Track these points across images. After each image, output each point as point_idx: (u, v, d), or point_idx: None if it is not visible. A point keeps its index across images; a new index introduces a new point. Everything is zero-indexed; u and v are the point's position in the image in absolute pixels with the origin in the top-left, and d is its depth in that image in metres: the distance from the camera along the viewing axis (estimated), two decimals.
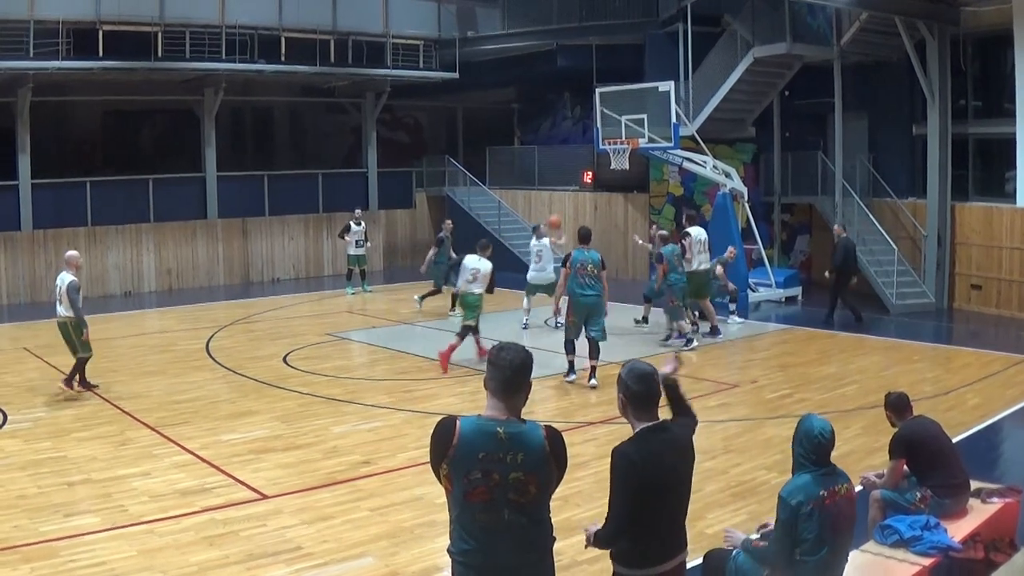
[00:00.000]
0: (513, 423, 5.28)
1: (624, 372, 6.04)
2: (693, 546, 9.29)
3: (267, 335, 22.27)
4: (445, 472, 5.22)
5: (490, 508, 5.21)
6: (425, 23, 35.11)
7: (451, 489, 5.25)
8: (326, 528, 10.04)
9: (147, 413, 14.83)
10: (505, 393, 5.32)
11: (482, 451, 5.16)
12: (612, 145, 26.51)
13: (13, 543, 9.55)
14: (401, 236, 36.65)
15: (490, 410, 5.32)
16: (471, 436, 5.18)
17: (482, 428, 5.22)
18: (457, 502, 5.26)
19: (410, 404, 15.50)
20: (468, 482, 5.17)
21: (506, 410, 5.30)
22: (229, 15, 29.97)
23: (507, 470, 5.19)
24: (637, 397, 5.95)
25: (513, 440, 5.21)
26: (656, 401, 6.01)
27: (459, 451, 5.16)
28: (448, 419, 5.31)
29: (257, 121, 39.00)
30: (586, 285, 16.98)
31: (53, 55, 26.76)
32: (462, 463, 5.17)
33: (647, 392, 5.96)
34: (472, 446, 5.17)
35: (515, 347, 5.41)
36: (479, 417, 5.29)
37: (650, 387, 5.98)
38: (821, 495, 6.51)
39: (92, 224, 29.45)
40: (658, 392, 6.04)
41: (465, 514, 5.25)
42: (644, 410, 5.96)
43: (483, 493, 5.18)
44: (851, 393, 15.92)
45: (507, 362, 5.32)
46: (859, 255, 25.52)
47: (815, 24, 26.73)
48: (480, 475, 5.17)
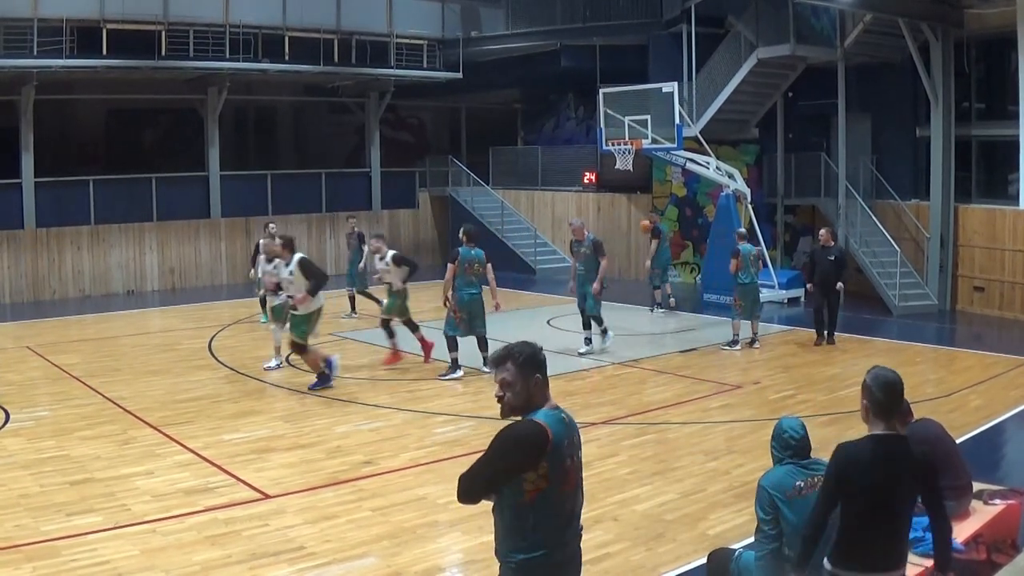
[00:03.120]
0: (563, 408, 5.50)
1: (870, 378, 6.22)
2: (696, 547, 9.40)
3: (270, 335, 22.24)
4: (543, 471, 5.21)
5: (575, 493, 5.45)
6: (429, 23, 35.11)
7: (544, 488, 5.23)
8: (329, 528, 10.04)
9: (150, 412, 14.83)
10: (547, 385, 5.48)
11: (566, 438, 5.33)
12: (615, 146, 26.50)
13: (15, 542, 9.55)
14: (404, 236, 36.61)
15: (547, 403, 5.44)
16: (558, 428, 5.29)
17: (559, 418, 5.36)
18: (548, 499, 5.26)
19: (412, 404, 15.51)
20: (563, 472, 5.28)
21: (550, 397, 5.47)
22: (233, 14, 29.98)
23: (577, 451, 5.46)
24: (879, 404, 6.15)
25: (572, 422, 5.47)
26: (896, 410, 6.21)
27: (555, 445, 5.22)
28: (527, 422, 5.32)
29: (260, 120, 39.04)
30: (472, 283, 17.39)
31: (57, 53, 26.81)
32: (560, 456, 5.26)
33: (889, 401, 6.14)
34: (562, 437, 5.28)
35: (526, 341, 5.57)
36: (547, 410, 5.38)
37: (892, 396, 6.16)
38: (797, 485, 6.70)
39: (95, 223, 29.50)
40: (899, 402, 6.25)
41: (554, 510, 5.30)
42: (883, 418, 6.16)
43: (573, 478, 5.39)
44: (853, 395, 15.75)
45: (543, 358, 5.50)
46: (862, 256, 25.57)
47: (819, 25, 26.73)
48: (570, 461, 5.36)
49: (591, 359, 18.87)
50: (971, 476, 8.78)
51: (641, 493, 11.07)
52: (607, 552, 9.20)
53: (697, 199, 30.94)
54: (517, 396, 5.39)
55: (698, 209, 30.93)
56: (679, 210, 31.37)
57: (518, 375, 5.37)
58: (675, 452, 12.87)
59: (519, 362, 5.38)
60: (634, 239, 32.26)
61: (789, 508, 6.57)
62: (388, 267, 18.66)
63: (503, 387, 5.42)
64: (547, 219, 35.85)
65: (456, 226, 36.27)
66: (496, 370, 5.45)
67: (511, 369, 5.38)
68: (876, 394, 6.13)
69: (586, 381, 17.41)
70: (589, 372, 18.15)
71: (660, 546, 9.53)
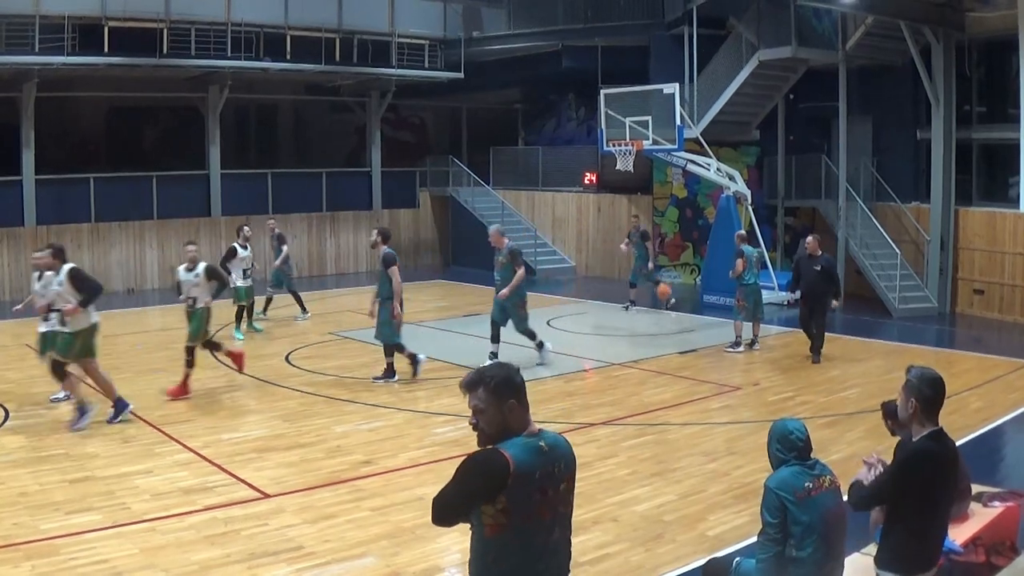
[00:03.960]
0: (545, 434, 5.12)
1: (915, 377, 6.45)
2: (695, 548, 9.40)
3: (270, 334, 22.28)
4: (501, 506, 4.86)
5: (547, 529, 5.04)
6: (430, 23, 35.11)
7: (505, 522, 4.89)
8: (328, 527, 10.05)
9: (149, 411, 14.83)
10: (526, 409, 5.13)
11: (538, 471, 4.95)
12: (616, 147, 26.52)
13: (14, 540, 9.56)
14: (405, 236, 36.62)
15: (524, 427, 5.10)
16: (525, 459, 4.91)
17: (529, 448, 4.97)
18: (511, 535, 4.94)
19: (412, 404, 15.53)
20: (530, 506, 4.93)
21: (529, 422, 5.11)
22: (235, 13, 30.00)
23: (558, 483, 5.06)
24: (929, 401, 6.40)
25: (553, 451, 5.07)
26: (942, 406, 6.48)
27: (517, 478, 4.86)
28: (490, 451, 4.97)
29: (261, 119, 39.02)
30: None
31: (58, 51, 26.82)
32: (522, 489, 4.89)
33: (939, 397, 6.43)
34: (529, 469, 4.91)
35: (509, 366, 5.27)
36: (518, 438, 5.00)
37: (942, 391, 6.45)
38: (807, 486, 6.67)
39: (95, 220, 29.51)
40: (945, 397, 6.50)
41: (518, 545, 4.97)
42: (931, 415, 6.41)
43: (544, 513, 5.00)
44: (853, 396, 15.93)
45: (519, 379, 5.15)
46: (862, 258, 25.55)
47: (820, 28, 26.73)
48: (539, 496, 4.96)
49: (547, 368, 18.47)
50: (970, 479, 8.77)
51: (640, 494, 11.07)
52: (606, 553, 9.20)
53: (697, 200, 30.94)
54: (490, 424, 5.05)
55: (698, 210, 30.94)
56: (679, 211, 31.37)
57: (491, 401, 5.05)
58: (675, 453, 12.87)
59: (491, 387, 5.06)
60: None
61: (799, 509, 6.54)
62: (198, 280, 16.75)
63: (475, 414, 5.11)
64: (547, 220, 35.85)
65: (457, 226, 36.49)
66: (468, 395, 5.15)
67: (482, 395, 5.08)
68: (926, 391, 6.41)
69: (586, 382, 17.44)
70: (587, 372, 18.17)
71: (659, 547, 9.53)
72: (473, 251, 35.07)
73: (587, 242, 34.41)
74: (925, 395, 6.38)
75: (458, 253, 37.12)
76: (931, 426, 6.43)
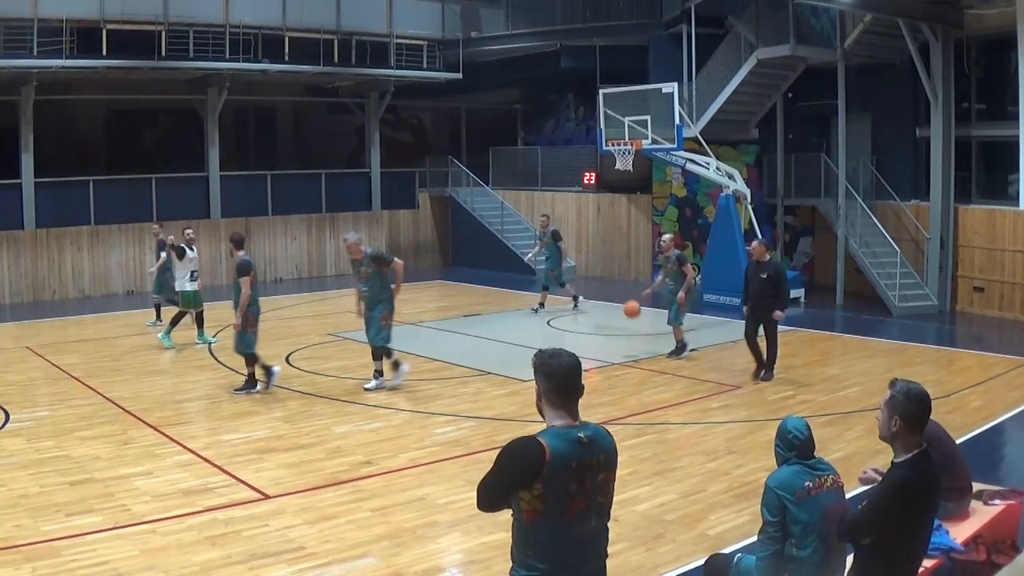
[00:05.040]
0: (586, 426, 5.20)
1: (899, 393, 6.22)
2: (696, 547, 9.40)
3: (270, 335, 22.21)
4: (538, 492, 4.95)
5: (583, 518, 5.11)
6: (429, 23, 35.07)
7: (542, 509, 4.98)
8: (328, 528, 10.05)
9: (149, 412, 14.84)
10: (566, 399, 5.20)
11: (574, 460, 5.02)
12: (615, 146, 26.54)
13: (15, 542, 9.56)
14: (404, 237, 36.63)
15: (559, 419, 5.16)
16: (562, 448, 4.99)
17: (567, 437, 5.05)
18: (547, 521, 5.02)
19: (412, 404, 15.52)
20: (565, 496, 5.00)
21: (571, 415, 5.19)
22: (233, 14, 29.96)
23: (595, 473, 5.12)
24: (914, 420, 6.17)
25: (593, 442, 5.13)
26: (927, 422, 6.29)
27: (554, 467, 4.94)
28: (528, 438, 5.06)
29: (260, 121, 39.03)
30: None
31: (57, 54, 26.78)
32: (558, 478, 4.97)
33: (925, 414, 6.20)
34: (565, 458, 4.98)
35: (562, 352, 5.29)
36: (556, 428, 5.11)
37: (927, 408, 6.21)
38: (807, 485, 6.65)
39: (95, 223, 29.49)
40: (930, 413, 6.29)
41: (555, 531, 5.05)
42: (915, 433, 6.20)
43: (579, 503, 5.06)
44: (853, 395, 15.93)
45: (563, 368, 5.21)
46: (862, 257, 25.53)
47: (819, 26, 26.71)
48: (576, 485, 5.03)
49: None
50: (971, 477, 8.78)
51: (641, 493, 11.06)
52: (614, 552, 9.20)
53: (697, 200, 30.94)
54: (536, 400, 5.28)
55: (698, 210, 30.93)
56: (679, 211, 31.37)
57: (535, 379, 5.24)
58: (675, 453, 12.87)
59: (536, 367, 5.24)
60: (634, 239, 32.31)
61: (799, 508, 6.54)
62: None
63: None
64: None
65: (457, 226, 36.55)
66: None
67: (534, 372, 5.25)
68: (912, 408, 6.14)
69: (586, 381, 17.39)
70: (587, 372, 18.17)
71: (660, 546, 9.54)
72: (473, 251, 35.20)
73: (587, 242, 34.39)
74: (911, 412, 6.12)
75: (458, 253, 37.12)
76: (914, 447, 6.18)
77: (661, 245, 20.18)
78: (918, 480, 6.16)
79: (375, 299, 16.32)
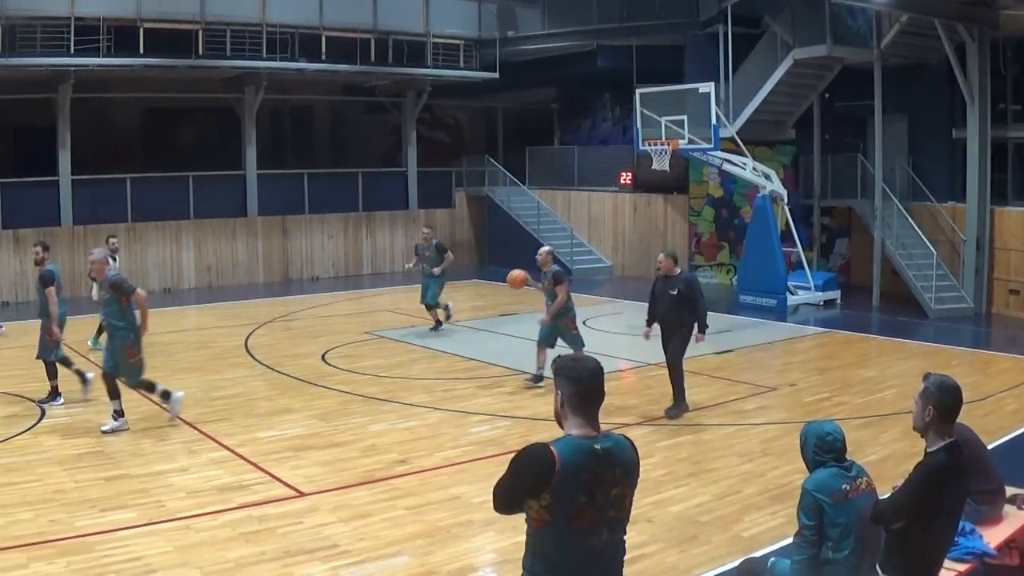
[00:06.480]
0: (604, 437, 5.00)
1: (933, 385, 6.38)
2: (730, 549, 9.36)
3: (306, 333, 22.35)
4: (545, 503, 4.82)
5: (593, 531, 4.95)
6: (465, 23, 35.13)
7: (548, 519, 4.86)
8: (363, 526, 10.07)
9: (185, 409, 14.85)
10: (588, 406, 5.02)
11: (586, 472, 4.86)
12: (652, 146, 26.48)
13: (49, 537, 9.63)
14: (440, 236, 36.60)
15: (577, 428, 4.99)
16: (573, 459, 4.84)
17: (581, 448, 4.89)
18: (554, 532, 4.90)
19: (448, 404, 15.51)
20: (574, 507, 4.85)
21: (590, 424, 5.00)
22: (270, 14, 30.10)
23: (609, 487, 4.95)
24: (947, 411, 6.33)
25: (610, 455, 4.96)
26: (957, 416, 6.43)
27: (563, 477, 4.80)
28: (539, 446, 4.90)
29: (297, 120, 39.18)
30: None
31: (94, 52, 27.00)
32: (567, 489, 4.82)
33: (957, 406, 6.36)
34: (576, 469, 4.83)
35: (585, 357, 5.19)
36: (571, 437, 4.95)
37: (959, 400, 6.37)
38: (844, 488, 6.61)
39: (132, 220, 29.67)
40: (961, 405, 6.45)
41: (561, 543, 4.92)
42: (947, 424, 6.35)
43: (589, 516, 4.90)
44: (889, 398, 15.83)
45: (586, 373, 5.03)
46: (898, 258, 25.36)
47: (855, 26, 26.55)
48: (585, 498, 4.87)
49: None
50: (1002, 480, 8.71)
51: (676, 495, 11.03)
52: (641, 553, 9.16)
53: (733, 200, 30.83)
54: (559, 409, 5.09)
55: (734, 210, 30.82)
56: (715, 211, 31.28)
57: (555, 385, 5.09)
58: (710, 454, 12.83)
59: (556, 373, 5.09)
60: (671, 240, 32.18)
61: (837, 511, 6.50)
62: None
63: None
64: (583, 219, 35.79)
65: (493, 226, 36.53)
66: None
67: (554, 377, 5.12)
68: (944, 398, 6.31)
69: (621, 382, 17.40)
70: (622, 373, 18.15)
71: (694, 548, 9.50)
72: (509, 251, 35.06)
73: (623, 242, 34.34)
74: (944, 403, 6.30)
75: (493, 253, 37.06)
76: (947, 437, 6.36)
77: (537, 259, 17.15)
78: (953, 466, 6.32)
79: (113, 328, 14.07)
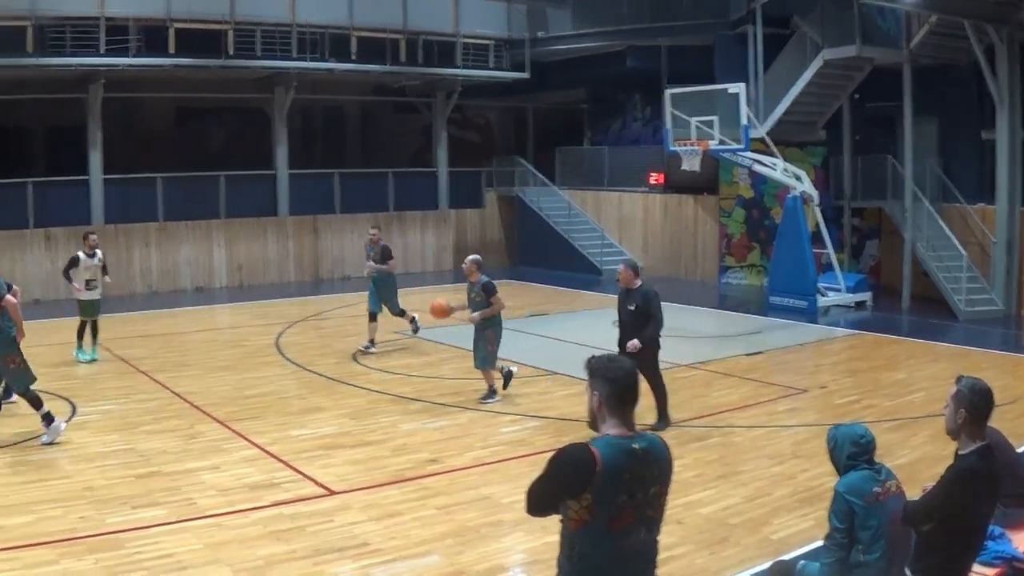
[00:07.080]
0: (641, 437, 5.03)
1: (965, 388, 6.37)
2: (759, 551, 9.36)
3: (337, 332, 22.41)
4: (586, 503, 4.82)
5: (632, 530, 4.96)
6: (495, 23, 35.14)
7: (588, 519, 4.85)
8: (393, 525, 10.12)
9: (217, 407, 14.97)
10: (624, 406, 5.05)
11: (627, 472, 4.88)
12: (682, 146, 26.44)
13: (79, 534, 9.72)
14: (471, 236, 36.68)
15: (614, 428, 5.00)
16: (614, 459, 4.84)
17: (621, 447, 4.90)
18: (593, 532, 4.89)
19: (478, 403, 15.53)
20: (615, 507, 4.86)
21: (626, 424, 5.02)
22: (300, 14, 30.17)
23: (648, 487, 4.98)
24: (979, 413, 6.33)
25: (648, 454, 5.00)
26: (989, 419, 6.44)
27: (604, 477, 4.80)
28: (580, 446, 4.89)
29: (328, 120, 39.22)
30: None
31: (124, 52, 27.17)
32: (608, 489, 4.83)
33: (989, 409, 6.37)
34: (617, 469, 4.84)
35: (618, 357, 5.21)
36: (609, 437, 4.96)
37: (991, 403, 6.39)
38: (875, 491, 6.64)
39: (163, 220, 29.81)
40: (993, 409, 6.46)
41: (601, 543, 4.91)
42: (980, 427, 6.36)
43: (629, 515, 4.92)
44: (919, 400, 15.77)
45: (622, 374, 5.07)
46: (928, 260, 25.23)
47: (885, 26, 26.45)
48: (626, 497, 4.88)
49: None
50: None
51: (705, 496, 11.04)
52: (671, 555, 9.14)
53: (764, 201, 30.76)
54: (587, 407, 5.12)
55: (765, 211, 30.75)
56: (746, 212, 31.21)
57: (588, 385, 5.10)
58: (740, 456, 12.82)
59: (588, 372, 5.11)
60: (701, 240, 32.18)
61: (868, 514, 6.50)
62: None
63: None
64: (613, 220, 35.77)
65: (523, 226, 36.54)
66: None
67: (587, 378, 5.13)
68: (976, 401, 6.30)
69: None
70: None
71: (724, 550, 9.51)
72: (540, 251, 35.16)
73: (654, 242, 34.30)
74: (976, 406, 6.29)
75: (525, 253, 37.05)
76: (979, 440, 6.36)
77: (463, 267, 16.27)
78: (984, 469, 6.31)
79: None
